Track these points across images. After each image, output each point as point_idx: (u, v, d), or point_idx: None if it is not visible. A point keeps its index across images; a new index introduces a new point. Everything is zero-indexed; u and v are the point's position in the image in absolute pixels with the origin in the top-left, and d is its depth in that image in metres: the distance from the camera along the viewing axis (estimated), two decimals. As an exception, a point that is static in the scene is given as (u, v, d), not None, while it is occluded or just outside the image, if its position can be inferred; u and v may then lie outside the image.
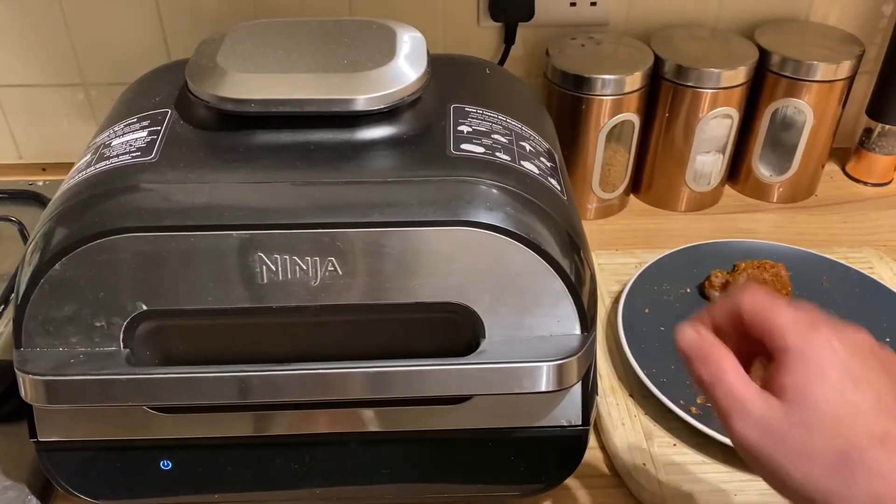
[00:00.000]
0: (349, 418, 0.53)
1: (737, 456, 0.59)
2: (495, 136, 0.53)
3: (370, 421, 0.53)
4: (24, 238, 0.78)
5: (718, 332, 0.42)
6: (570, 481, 0.56)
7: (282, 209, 0.47)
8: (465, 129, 0.53)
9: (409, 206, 0.47)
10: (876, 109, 0.92)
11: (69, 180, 0.51)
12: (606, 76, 0.80)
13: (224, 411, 0.52)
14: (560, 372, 0.49)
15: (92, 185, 0.48)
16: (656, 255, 0.77)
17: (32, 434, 0.52)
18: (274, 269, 0.47)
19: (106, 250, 0.46)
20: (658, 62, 0.83)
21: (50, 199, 0.51)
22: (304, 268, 0.47)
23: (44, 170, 0.97)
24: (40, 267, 0.47)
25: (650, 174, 0.90)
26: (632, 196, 0.93)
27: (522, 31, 0.90)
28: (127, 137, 0.52)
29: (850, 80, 0.85)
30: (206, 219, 0.46)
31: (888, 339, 0.69)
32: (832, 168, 0.98)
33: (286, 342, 0.51)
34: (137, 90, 0.61)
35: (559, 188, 0.53)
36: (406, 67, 0.52)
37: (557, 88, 0.83)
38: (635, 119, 0.84)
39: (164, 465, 0.54)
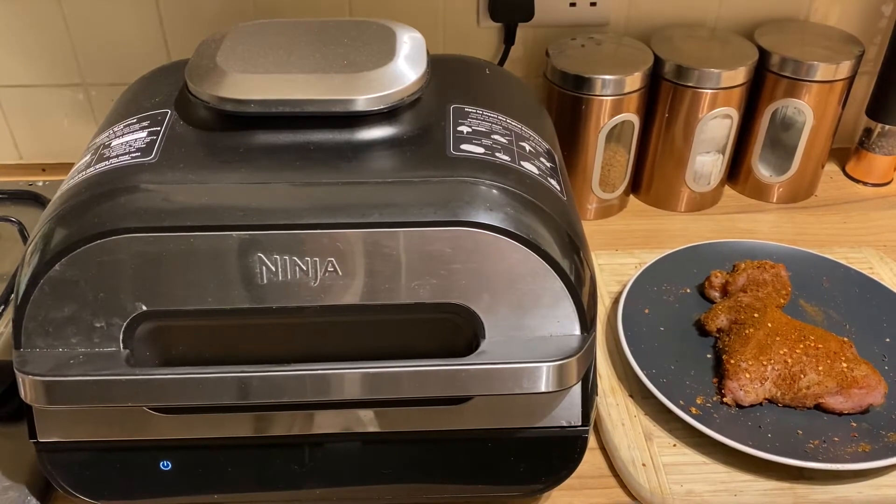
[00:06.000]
0: (349, 419, 0.53)
1: (737, 456, 0.59)
2: (495, 137, 0.53)
3: (370, 421, 0.53)
4: (24, 238, 0.78)
5: None
6: (570, 481, 0.56)
7: (281, 210, 0.47)
8: (464, 129, 0.53)
9: (409, 206, 0.47)
10: (876, 109, 0.92)
11: (69, 181, 0.51)
12: (606, 76, 0.80)
13: (224, 412, 0.52)
14: (560, 372, 0.49)
15: (92, 185, 0.48)
16: (656, 256, 0.77)
17: (32, 435, 0.52)
18: (274, 269, 0.47)
19: (106, 251, 0.46)
20: (658, 62, 0.83)
21: (50, 200, 0.51)
22: (304, 268, 0.47)
23: (44, 170, 0.97)
24: (40, 267, 0.47)
25: (650, 174, 0.90)
26: (631, 196, 0.93)
27: (522, 31, 0.90)
28: (127, 138, 0.52)
29: (850, 80, 0.85)
30: (206, 219, 0.46)
31: (888, 339, 0.69)
32: (832, 168, 0.98)
33: (286, 343, 0.51)
34: (137, 90, 0.61)
35: (559, 188, 0.53)
36: (406, 68, 0.52)
37: (557, 89, 0.83)
38: (635, 119, 0.84)
39: (163, 465, 0.54)
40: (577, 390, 0.52)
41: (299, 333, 0.51)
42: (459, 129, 0.53)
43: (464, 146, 0.51)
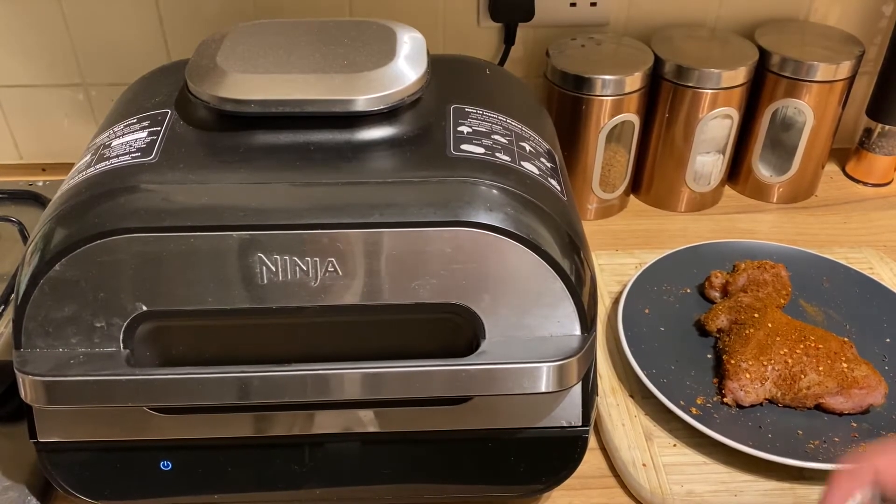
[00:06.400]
0: (349, 419, 0.53)
1: (737, 456, 0.59)
2: (495, 137, 0.53)
3: (370, 421, 0.53)
4: (24, 238, 0.78)
5: None
6: (571, 481, 0.56)
7: (282, 210, 0.47)
8: (465, 129, 0.53)
9: (409, 206, 0.47)
10: (876, 110, 0.92)
11: (69, 181, 0.51)
12: (606, 76, 0.80)
13: (224, 412, 0.52)
14: (560, 372, 0.49)
15: (92, 185, 0.48)
16: (656, 256, 0.77)
17: (32, 435, 0.52)
18: (274, 269, 0.47)
19: (106, 251, 0.46)
20: (658, 62, 0.83)
21: (50, 200, 0.51)
22: (304, 268, 0.47)
23: (44, 170, 0.97)
24: (40, 267, 0.47)
25: (650, 174, 0.90)
26: (632, 196, 0.93)
27: (522, 31, 0.90)
28: (127, 138, 0.52)
29: (850, 80, 0.85)
30: (206, 219, 0.46)
31: (888, 340, 0.69)
32: (832, 168, 0.98)
33: (286, 343, 0.51)
34: (137, 90, 0.61)
35: (559, 189, 0.53)
36: (406, 68, 0.52)
37: (557, 89, 0.83)
38: (635, 119, 0.84)
39: (163, 465, 0.54)
40: (577, 390, 0.52)
41: (299, 333, 0.50)
42: (460, 129, 0.53)
43: (464, 146, 0.51)
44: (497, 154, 0.51)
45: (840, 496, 0.40)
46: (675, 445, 0.61)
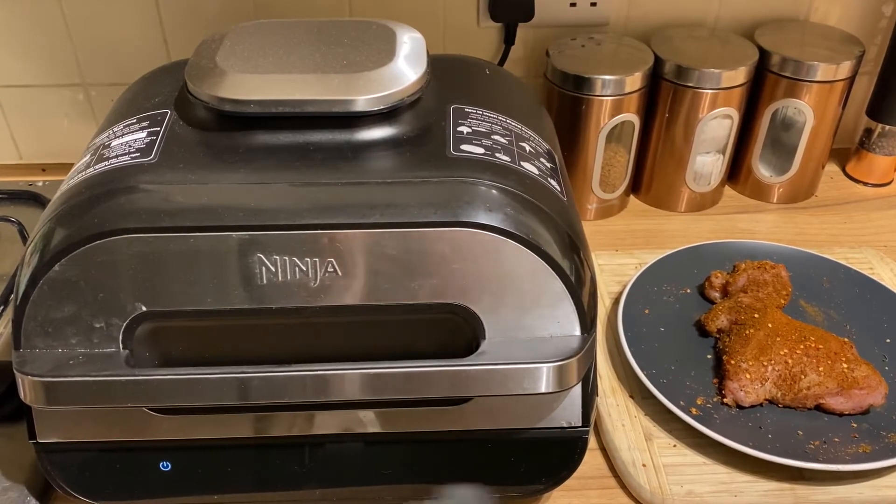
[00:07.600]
0: (349, 419, 0.53)
1: (737, 456, 0.59)
2: (495, 137, 0.53)
3: (370, 422, 0.53)
4: (24, 238, 0.78)
5: None
6: (571, 482, 0.56)
7: (281, 210, 0.47)
8: (464, 129, 0.53)
9: (409, 206, 0.47)
10: (876, 110, 0.92)
11: (69, 181, 0.51)
12: (606, 77, 0.80)
13: (224, 412, 0.52)
14: (560, 373, 0.48)
15: (91, 185, 0.48)
16: (656, 256, 0.77)
17: (32, 435, 0.52)
18: (273, 270, 0.47)
19: (105, 251, 0.46)
20: (658, 62, 0.83)
21: (49, 200, 0.51)
22: (304, 269, 0.47)
23: (44, 170, 0.97)
24: (39, 268, 0.47)
25: (650, 175, 0.90)
26: (632, 196, 0.93)
27: (522, 31, 0.90)
28: (126, 138, 0.52)
29: (851, 80, 0.85)
30: (206, 220, 0.46)
31: (888, 340, 0.69)
32: (832, 168, 0.98)
33: (286, 343, 0.51)
34: (137, 90, 0.61)
35: (559, 189, 0.53)
36: (406, 68, 0.52)
37: (557, 89, 0.83)
38: (635, 119, 0.84)
39: (163, 466, 0.54)
40: (577, 391, 0.52)
41: (299, 334, 0.50)
42: (459, 129, 0.53)
43: (464, 146, 0.51)
44: (497, 154, 0.51)
45: None
46: (674, 446, 0.61)
